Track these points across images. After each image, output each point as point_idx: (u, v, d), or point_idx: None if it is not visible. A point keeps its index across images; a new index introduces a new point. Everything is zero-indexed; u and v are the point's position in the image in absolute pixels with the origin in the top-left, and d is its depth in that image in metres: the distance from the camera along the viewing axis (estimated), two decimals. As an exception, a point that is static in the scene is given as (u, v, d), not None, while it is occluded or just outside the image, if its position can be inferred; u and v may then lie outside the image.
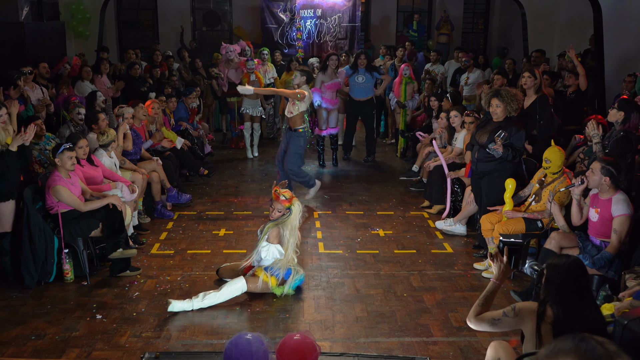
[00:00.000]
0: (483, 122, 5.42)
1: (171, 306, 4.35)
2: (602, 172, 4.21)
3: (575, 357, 1.40)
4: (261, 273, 4.59)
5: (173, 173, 7.00)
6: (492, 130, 5.18)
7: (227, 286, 4.49)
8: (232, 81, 9.21)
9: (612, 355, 1.39)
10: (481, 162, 5.29)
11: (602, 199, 4.30)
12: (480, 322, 2.79)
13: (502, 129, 5.09)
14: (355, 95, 8.60)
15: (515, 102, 5.18)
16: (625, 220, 4.14)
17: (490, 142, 5.12)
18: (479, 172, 5.35)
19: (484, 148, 5.21)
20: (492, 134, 5.13)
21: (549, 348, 1.46)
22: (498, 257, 2.82)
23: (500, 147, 5.03)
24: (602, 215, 4.27)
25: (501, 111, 5.17)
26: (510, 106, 5.15)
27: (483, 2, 15.10)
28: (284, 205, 4.65)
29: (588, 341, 1.43)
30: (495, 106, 5.19)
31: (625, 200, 4.21)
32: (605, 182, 4.21)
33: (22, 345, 3.93)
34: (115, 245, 4.93)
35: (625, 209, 4.16)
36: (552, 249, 4.49)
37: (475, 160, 5.35)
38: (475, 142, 5.32)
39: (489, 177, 5.27)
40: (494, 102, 5.19)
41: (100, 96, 7.22)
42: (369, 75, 8.46)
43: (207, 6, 14.41)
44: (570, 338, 1.46)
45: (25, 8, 9.63)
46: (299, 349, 3.18)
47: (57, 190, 4.74)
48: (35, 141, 5.65)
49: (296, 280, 4.66)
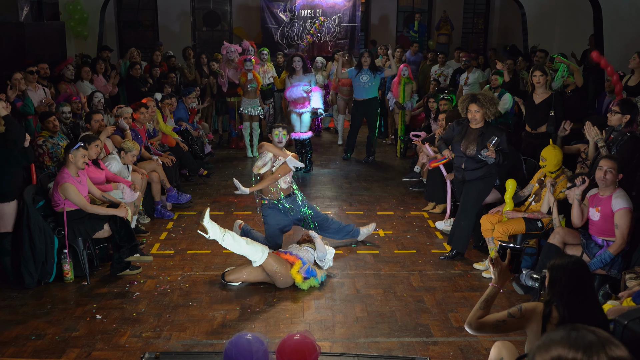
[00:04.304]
0: (460, 131, 5.28)
1: (206, 219, 4.50)
2: (617, 170, 4.21)
3: (566, 345, 1.39)
4: (298, 267, 4.71)
5: (173, 173, 7.01)
6: (477, 138, 5.10)
7: (252, 244, 4.67)
8: (232, 81, 9.21)
9: (603, 342, 1.39)
10: (469, 171, 5.23)
11: (602, 197, 4.30)
12: (483, 325, 2.72)
13: (488, 137, 5.02)
14: (359, 95, 8.54)
15: (494, 105, 5.12)
16: (626, 214, 4.16)
17: (481, 150, 5.04)
18: (466, 179, 5.29)
19: (474, 158, 5.14)
20: (481, 142, 5.05)
21: (541, 340, 1.46)
22: (498, 261, 2.80)
23: (493, 153, 4.98)
24: (604, 213, 4.28)
25: (480, 116, 5.10)
26: (490, 110, 5.09)
27: (483, 2, 15.10)
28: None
29: (579, 330, 1.43)
30: (474, 112, 5.10)
31: (625, 196, 4.25)
32: (617, 179, 4.23)
33: (22, 345, 3.93)
34: (133, 249, 5.00)
35: (625, 203, 4.19)
36: (555, 243, 4.49)
37: (461, 169, 5.28)
38: (462, 154, 5.22)
39: (474, 181, 5.24)
40: (473, 107, 5.09)
41: (97, 96, 7.22)
42: (372, 75, 8.41)
43: (207, 6, 14.40)
44: (562, 328, 1.46)
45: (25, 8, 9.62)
46: (299, 349, 3.18)
47: (65, 187, 4.76)
48: (50, 135, 5.84)
49: (322, 276, 4.85)
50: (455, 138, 5.30)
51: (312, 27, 11.83)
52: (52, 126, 5.84)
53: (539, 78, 6.06)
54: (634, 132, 5.01)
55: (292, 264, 4.73)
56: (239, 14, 14.08)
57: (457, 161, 5.34)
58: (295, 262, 4.73)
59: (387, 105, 9.94)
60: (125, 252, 4.95)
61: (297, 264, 4.72)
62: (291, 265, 4.73)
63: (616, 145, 4.98)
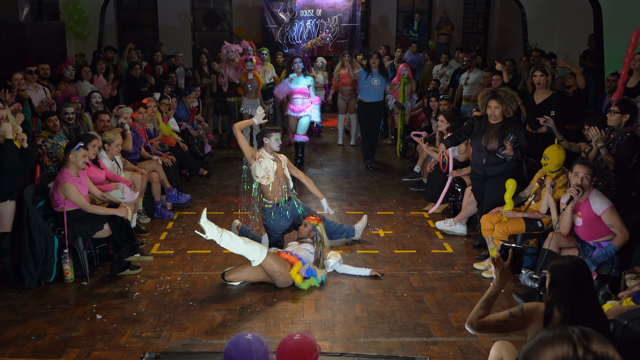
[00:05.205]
0: (480, 127, 5.33)
1: (203, 219, 4.50)
2: (592, 174, 4.26)
3: (552, 343, 1.40)
4: (297, 268, 4.71)
5: (173, 173, 7.01)
6: (498, 133, 5.15)
7: (250, 244, 4.66)
8: (232, 81, 9.21)
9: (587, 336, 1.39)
10: (490, 167, 5.25)
11: (580, 202, 4.33)
12: (484, 325, 2.72)
13: (508, 132, 5.06)
14: (367, 97, 8.33)
15: (514, 102, 5.16)
16: (612, 212, 4.21)
17: (500, 147, 5.10)
18: (487, 175, 5.31)
19: (494, 153, 5.18)
20: (502, 137, 5.09)
21: (530, 341, 1.47)
22: (499, 261, 2.80)
23: (511, 150, 5.01)
24: (585, 216, 4.30)
25: (500, 112, 5.15)
26: (510, 107, 5.13)
27: (483, 2, 15.09)
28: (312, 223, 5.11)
29: (567, 327, 1.43)
30: (493, 108, 5.15)
31: (600, 195, 4.30)
32: (592, 182, 4.26)
33: (22, 345, 3.93)
34: (133, 249, 5.00)
35: (605, 203, 4.23)
36: (551, 249, 4.50)
37: (482, 165, 5.30)
38: (483, 149, 5.26)
39: (496, 178, 5.24)
40: (492, 103, 5.15)
41: (95, 96, 7.22)
42: (383, 79, 8.27)
43: (207, 6, 14.40)
44: (552, 328, 1.46)
45: (25, 8, 9.62)
46: (299, 349, 3.18)
47: (65, 187, 4.76)
48: (50, 134, 5.84)
49: (322, 276, 4.85)
50: (476, 134, 5.33)
51: (313, 38, 11.82)
52: (52, 125, 5.85)
53: (539, 78, 6.06)
54: (633, 132, 5.01)
55: (291, 265, 4.73)
56: (239, 14, 14.08)
57: (477, 157, 5.36)
58: (295, 263, 4.73)
59: (387, 105, 9.94)
60: (125, 252, 4.96)
61: (296, 265, 4.71)
62: (291, 265, 4.72)
63: (616, 145, 4.98)
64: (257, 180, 5.27)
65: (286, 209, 5.36)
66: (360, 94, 8.52)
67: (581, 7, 9.62)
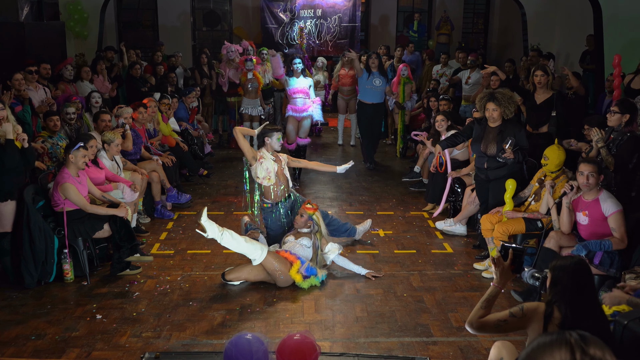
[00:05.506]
0: (479, 130, 5.29)
1: (204, 218, 4.51)
2: (598, 172, 4.23)
3: (550, 347, 1.40)
4: (297, 267, 4.70)
5: (173, 173, 7.01)
6: (496, 137, 5.12)
7: (251, 242, 4.67)
8: (232, 81, 9.21)
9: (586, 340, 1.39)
10: (492, 170, 5.23)
11: (588, 201, 4.31)
12: (484, 325, 2.72)
13: (507, 135, 5.03)
14: (367, 98, 8.26)
15: (512, 103, 5.11)
16: (619, 216, 4.20)
17: (500, 151, 5.07)
18: (490, 179, 5.29)
19: (494, 157, 5.16)
20: (500, 141, 5.06)
21: (528, 346, 1.47)
22: (499, 261, 2.80)
23: (510, 154, 4.99)
24: (592, 216, 4.29)
25: (498, 115, 5.10)
26: (508, 109, 5.07)
27: (483, 2, 15.10)
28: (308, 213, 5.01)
29: (565, 332, 1.43)
30: (491, 110, 5.10)
31: (612, 197, 4.28)
32: (599, 180, 4.24)
33: (22, 345, 3.93)
34: (133, 249, 5.01)
35: (615, 206, 4.22)
36: (551, 247, 4.49)
37: (484, 169, 5.28)
38: (483, 154, 5.24)
39: (499, 180, 5.21)
40: (490, 106, 5.09)
41: (94, 96, 7.22)
42: (384, 79, 8.23)
43: (207, 6, 14.40)
44: (549, 333, 1.47)
45: (25, 8, 9.62)
46: (299, 349, 3.18)
47: (65, 187, 4.76)
48: (49, 134, 5.84)
49: (322, 275, 4.84)
50: (475, 139, 5.30)
51: (299, 38, 11.68)
52: (52, 125, 5.85)
53: (540, 78, 6.05)
54: (634, 132, 5.01)
55: (291, 264, 4.73)
56: (239, 14, 14.08)
57: (479, 162, 5.33)
58: (294, 262, 4.73)
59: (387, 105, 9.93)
60: (125, 252, 4.96)
61: (295, 264, 4.71)
62: (290, 264, 4.72)
63: (616, 145, 4.98)
64: (257, 181, 5.27)
65: (286, 207, 5.36)
66: (360, 94, 8.47)
67: (581, 7, 9.63)
